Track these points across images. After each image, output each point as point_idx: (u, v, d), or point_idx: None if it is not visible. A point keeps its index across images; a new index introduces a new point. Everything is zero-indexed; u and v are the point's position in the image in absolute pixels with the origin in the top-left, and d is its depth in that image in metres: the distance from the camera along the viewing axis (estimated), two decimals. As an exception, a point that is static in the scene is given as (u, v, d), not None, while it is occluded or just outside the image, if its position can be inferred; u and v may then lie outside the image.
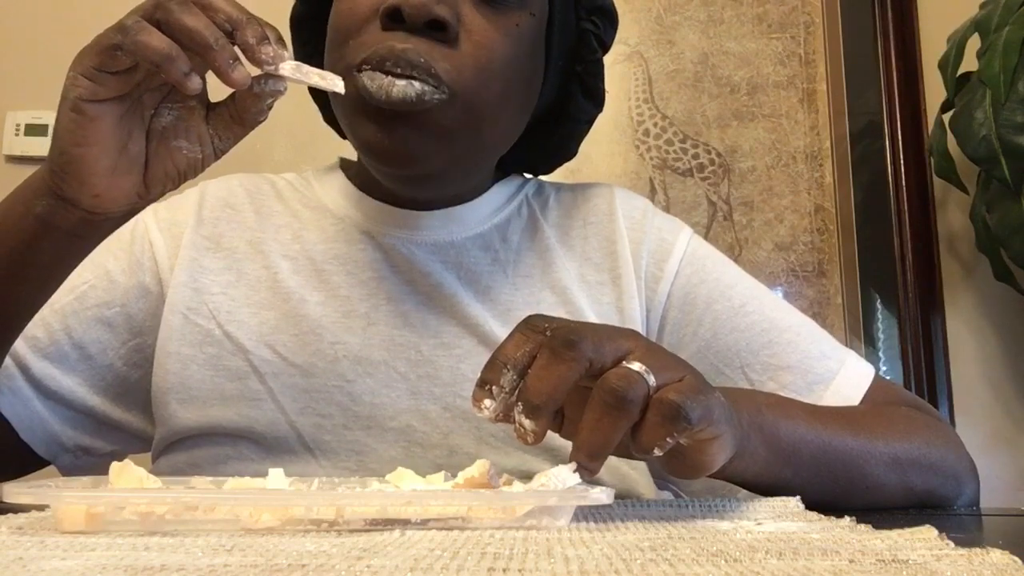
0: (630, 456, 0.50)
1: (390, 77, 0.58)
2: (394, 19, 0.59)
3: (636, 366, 0.43)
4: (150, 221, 0.72)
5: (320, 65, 0.63)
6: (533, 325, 0.45)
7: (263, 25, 0.50)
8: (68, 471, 0.70)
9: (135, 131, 0.53)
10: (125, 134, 0.52)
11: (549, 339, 0.44)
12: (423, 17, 0.58)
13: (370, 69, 0.59)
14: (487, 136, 0.66)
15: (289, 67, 0.51)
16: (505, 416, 0.45)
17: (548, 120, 0.74)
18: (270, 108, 0.53)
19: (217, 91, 0.54)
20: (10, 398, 0.66)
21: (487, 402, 0.44)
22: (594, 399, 0.42)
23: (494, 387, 0.44)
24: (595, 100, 0.75)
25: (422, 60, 0.58)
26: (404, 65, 0.58)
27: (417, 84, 0.58)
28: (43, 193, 0.53)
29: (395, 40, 0.59)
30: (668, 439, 0.42)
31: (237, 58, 0.49)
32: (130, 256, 0.70)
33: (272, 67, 0.50)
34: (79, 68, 0.49)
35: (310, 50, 0.73)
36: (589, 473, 0.43)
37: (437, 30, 0.60)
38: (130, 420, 0.71)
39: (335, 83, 0.54)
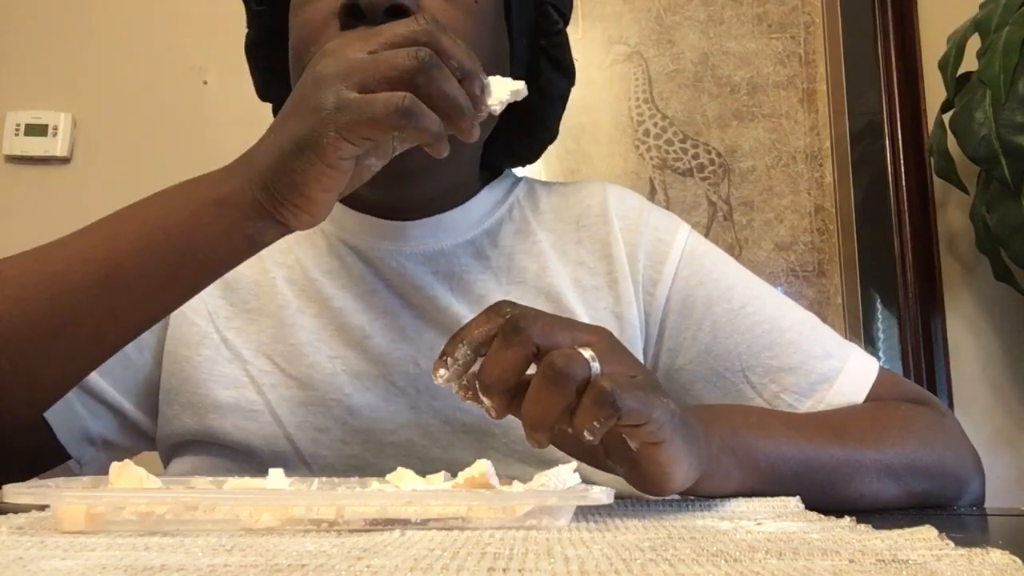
0: (604, 465, 0.50)
1: None
2: (352, 15, 0.58)
3: (586, 352, 0.44)
4: None
5: (283, 85, 0.65)
6: (497, 308, 0.48)
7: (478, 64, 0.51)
8: (87, 467, 0.68)
9: None
10: None
11: (504, 324, 0.46)
12: (382, 5, 0.57)
13: None
14: None
15: (497, 105, 0.54)
16: (475, 395, 0.48)
17: (523, 103, 0.74)
18: None
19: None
20: None
21: (441, 371, 0.48)
22: (537, 373, 0.45)
23: (449, 359, 0.48)
24: (565, 72, 0.74)
25: None
26: None
27: None
28: (256, 215, 0.52)
29: (356, 35, 0.56)
30: (596, 423, 0.42)
31: (477, 118, 0.51)
32: None
33: (487, 109, 0.53)
34: (344, 131, 0.48)
35: (268, 76, 0.73)
36: (535, 443, 0.45)
37: (396, 16, 0.57)
38: (150, 426, 0.70)
39: (519, 91, 0.55)
